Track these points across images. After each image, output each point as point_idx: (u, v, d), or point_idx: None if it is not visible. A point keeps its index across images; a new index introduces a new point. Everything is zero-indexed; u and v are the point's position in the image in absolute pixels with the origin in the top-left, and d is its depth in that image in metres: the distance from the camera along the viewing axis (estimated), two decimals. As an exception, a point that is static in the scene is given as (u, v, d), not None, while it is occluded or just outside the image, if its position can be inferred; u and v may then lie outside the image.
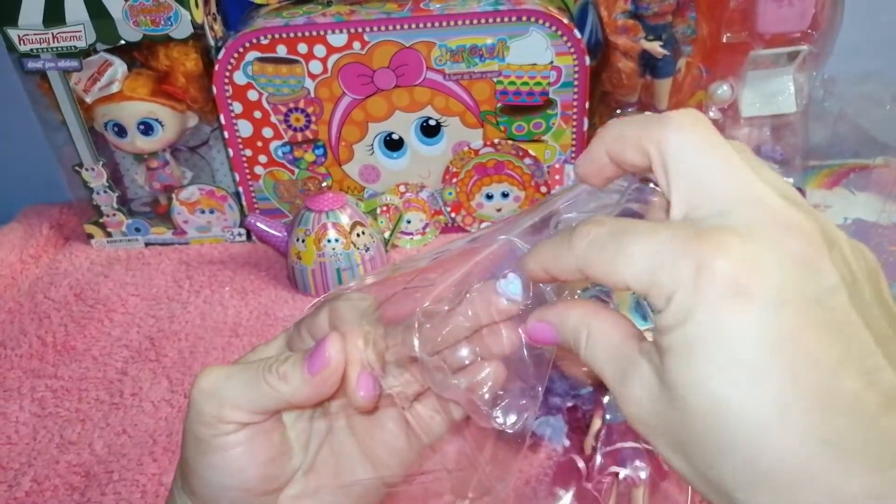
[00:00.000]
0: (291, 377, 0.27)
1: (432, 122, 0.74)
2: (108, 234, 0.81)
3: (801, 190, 0.78)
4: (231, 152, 0.76)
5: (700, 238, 0.20)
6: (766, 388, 0.19)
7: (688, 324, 0.19)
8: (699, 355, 0.19)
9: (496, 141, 0.74)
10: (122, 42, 0.69)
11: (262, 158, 0.76)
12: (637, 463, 0.46)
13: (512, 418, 0.28)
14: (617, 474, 0.46)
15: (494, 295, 0.28)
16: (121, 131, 0.74)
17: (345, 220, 0.69)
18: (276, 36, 0.69)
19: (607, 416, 0.49)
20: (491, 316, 0.28)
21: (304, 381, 0.26)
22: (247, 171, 0.77)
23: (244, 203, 0.79)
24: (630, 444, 0.47)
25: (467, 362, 0.29)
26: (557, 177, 0.75)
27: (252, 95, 0.72)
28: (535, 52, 0.69)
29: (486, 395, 0.28)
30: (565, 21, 0.68)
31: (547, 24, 0.68)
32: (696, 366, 0.19)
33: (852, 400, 0.19)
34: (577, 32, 0.68)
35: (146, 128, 0.74)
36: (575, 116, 0.73)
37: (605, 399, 0.49)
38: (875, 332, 0.20)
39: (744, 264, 0.19)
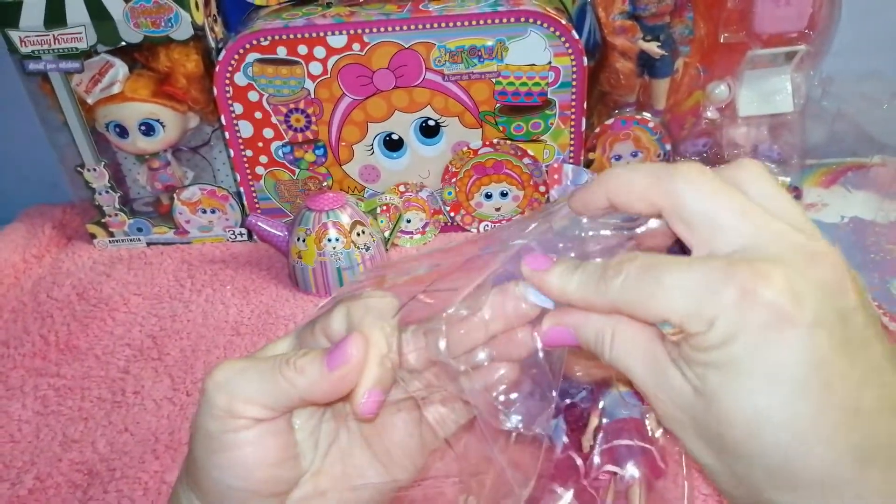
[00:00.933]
0: (309, 371, 0.27)
1: (431, 123, 0.74)
2: (111, 234, 0.82)
3: (798, 189, 0.78)
4: (232, 153, 0.76)
5: (739, 267, 0.21)
6: (804, 403, 0.21)
7: (732, 344, 0.21)
8: (743, 372, 0.21)
9: (495, 141, 0.75)
10: (123, 43, 0.70)
11: (263, 159, 0.77)
12: (634, 461, 0.46)
13: (528, 420, 0.28)
14: (615, 473, 0.46)
15: (516, 299, 0.28)
16: (122, 132, 0.74)
17: (345, 219, 0.69)
18: (277, 37, 0.69)
19: (604, 416, 0.49)
20: (509, 319, 0.28)
21: (322, 376, 0.26)
22: (248, 171, 0.78)
23: (245, 203, 0.80)
24: (627, 442, 0.47)
25: (484, 365, 0.29)
26: (556, 176, 0.75)
27: (252, 96, 0.72)
28: (533, 53, 0.69)
29: (502, 398, 0.29)
30: (563, 22, 0.68)
31: (545, 25, 0.68)
32: (740, 381, 0.21)
33: (873, 411, 0.21)
34: (575, 33, 0.69)
35: (147, 128, 0.74)
36: (573, 116, 0.73)
37: (603, 398, 0.50)
38: (883, 345, 0.22)
39: (784, 292, 0.21)
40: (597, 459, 0.47)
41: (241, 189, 0.79)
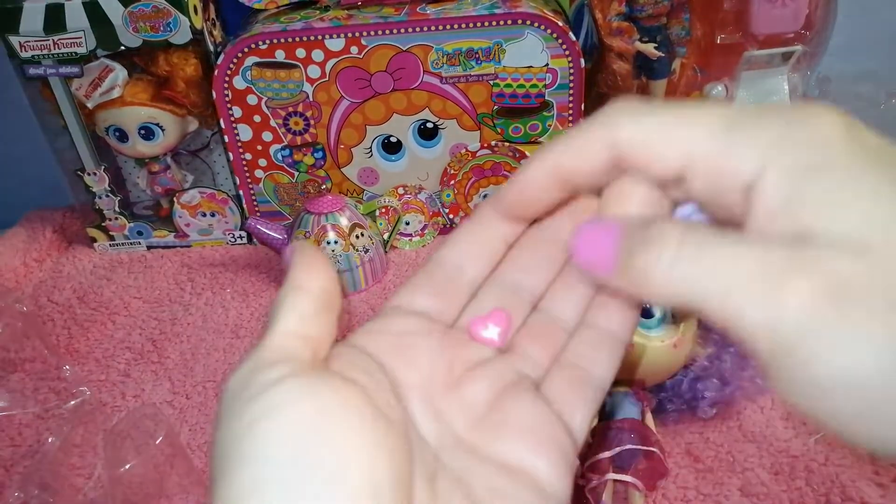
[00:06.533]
0: None
1: (430, 125, 0.75)
2: (111, 238, 0.82)
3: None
4: (231, 156, 0.77)
5: None
6: None
7: None
8: None
9: (493, 143, 0.75)
10: (122, 48, 0.70)
11: (262, 162, 0.77)
12: (635, 464, 0.47)
13: None
14: (614, 472, 0.46)
15: None
16: (122, 136, 0.75)
17: (344, 222, 0.69)
18: (275, 41, 0.69)
19: (604, 416, 0.49)
20: None
21: None
22: (247, 174, 0.78)
23: (245, 206, 0.80)
24: (628, 444, 0.47)
25: None
26: (554, 178, 0.75)
27: (251, 100, 0.73)
28: (530, 55, 0.70)
29: None
30: (560, 24, 0.68)
31: (542, 27, 0.68)
32: None
33: None
34: (572, 35, 0.69)
35: (147, 132, 0.75)
36: (571, 118, 0.73)
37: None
38: None
39: None
40: (597, 459, 0.47)
41: (241, 192, 0.79)
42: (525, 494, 0.22)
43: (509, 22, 0.68)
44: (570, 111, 0.73)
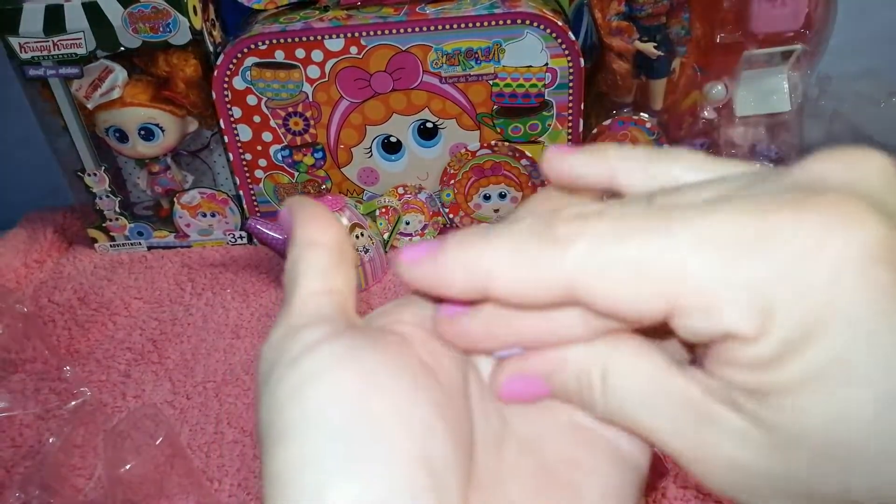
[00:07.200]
0: None
1: (429, 125, 0.75)
2: (112, 239, 0.82)
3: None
4: (231, 156, 0.77)
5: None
6: None
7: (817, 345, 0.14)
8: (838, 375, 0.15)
9: (493, 143, 0.75)
10: (122, 49, 0.70)
11: (262, 162, 0.77)
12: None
13: None
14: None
15: None
16: (122, 137, 0.75)
17: (344, 221, 0.69)
18: (274, 41, 0.69)
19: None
20: None
21: None
22: (247, 174, 0.78)
23: (245, 206, 0.80)
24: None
25: None
26: (554, 177, 0.75)
27: (251, 100, 0.73)
28: (530, 55, 0.70)
29: None
30: (560, 23, 0.68)
31: (541, 27, 0.68)
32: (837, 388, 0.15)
33: None
34: (571, 34, 0.69)
35: (147, 133, 0.75)
36: (570, 118, 0.73)
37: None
38: None
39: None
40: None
41: (241, 192, 0.79)
42: (603, 461, 0.20)
43: (509, 22, 0.68)
44: (570, 111, 0.73)
